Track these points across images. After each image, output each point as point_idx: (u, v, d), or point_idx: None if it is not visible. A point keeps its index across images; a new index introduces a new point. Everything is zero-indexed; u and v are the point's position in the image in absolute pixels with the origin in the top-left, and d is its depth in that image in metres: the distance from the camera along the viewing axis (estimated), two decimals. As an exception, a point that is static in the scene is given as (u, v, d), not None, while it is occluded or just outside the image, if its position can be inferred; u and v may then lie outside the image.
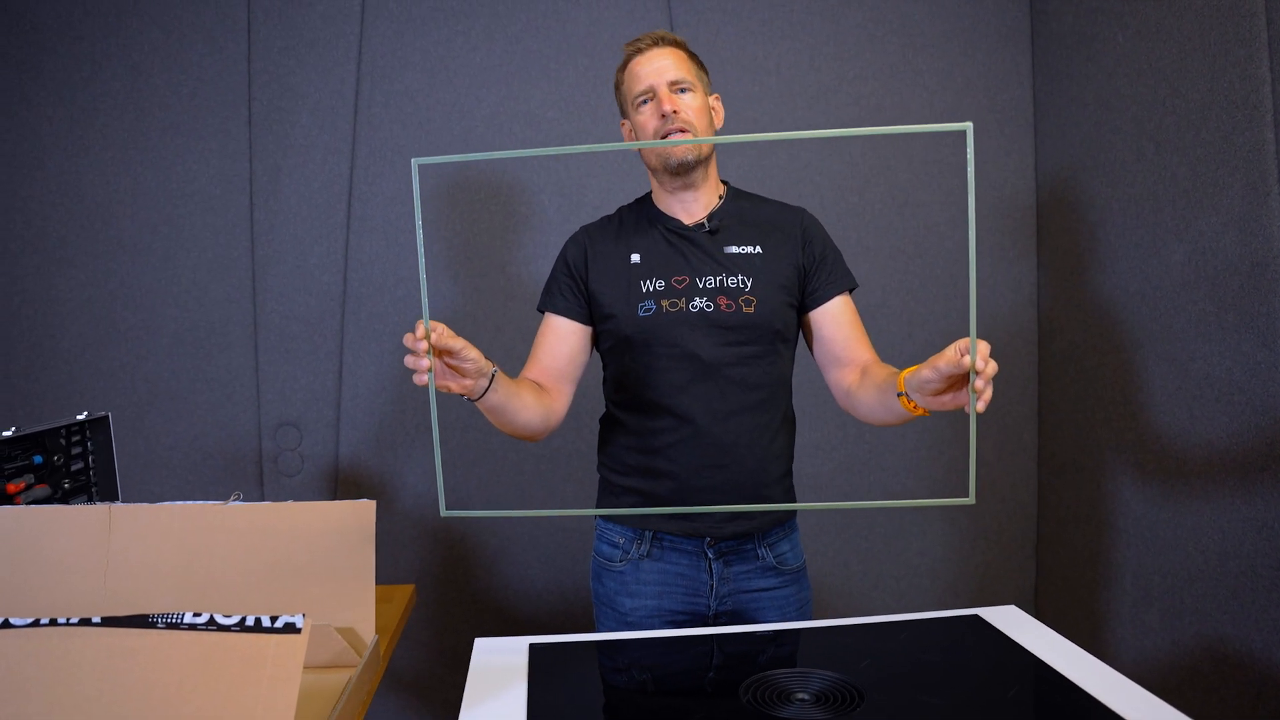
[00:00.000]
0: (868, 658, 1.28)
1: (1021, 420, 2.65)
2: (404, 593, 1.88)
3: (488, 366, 1.29)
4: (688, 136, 1.45)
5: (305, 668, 1.12)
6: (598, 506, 1.59)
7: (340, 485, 2.53)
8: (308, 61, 2.44)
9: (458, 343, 1.22)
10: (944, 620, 1.41)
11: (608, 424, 1.59)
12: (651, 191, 1.61)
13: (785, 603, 1.52)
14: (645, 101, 1.50)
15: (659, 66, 1.49)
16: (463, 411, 2.50)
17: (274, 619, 1.11)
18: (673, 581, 1.49)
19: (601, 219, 1.63)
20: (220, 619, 1.11)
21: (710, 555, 1.49)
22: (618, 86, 1.59)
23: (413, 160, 1.17)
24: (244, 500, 1.55)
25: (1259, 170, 1.81)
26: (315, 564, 1.50)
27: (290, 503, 1.51)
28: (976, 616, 1.42)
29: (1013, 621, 1.39)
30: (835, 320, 1.51)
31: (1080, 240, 2.43)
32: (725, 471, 1.46)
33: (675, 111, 1.46)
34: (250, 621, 1.11)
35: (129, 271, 2.46)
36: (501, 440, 2.51)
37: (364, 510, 1.51)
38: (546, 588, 2.57)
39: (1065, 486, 2.53)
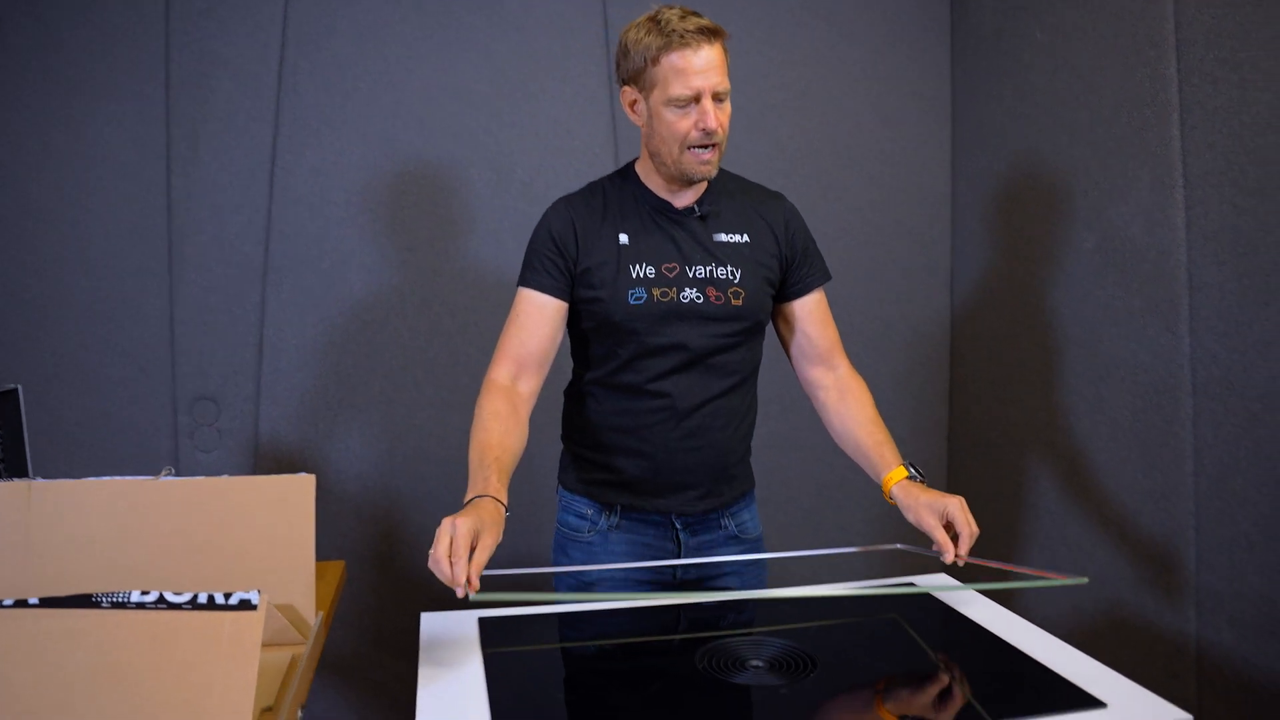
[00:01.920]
0: (816, 625, 1.31)
1: (933, 400, 2.74)
2: (335, 569, 1.83)
3: (502, 521, 1.24)
4: (713, 159, 1.40)
5: (256, 645, 1.09)
6: (561, 478, 1.57)
7: (259, 461, 2.45)
8: (230, 24, 2.33)
9: (486, 555, 1.19)
10: (882, 589, 1.45)
11: (579, 398, 1.54)
12: (636, 163, 1.53)
13: (745, 571, 1.54)
14: (685, 105, 1.36)
15: (708, 69, 1.34)
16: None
17: (228, 596, 1.07)
18: (640, 553, 1.49)
19: (583, 191, 1.53)
20: (171, 597, 1.07)
21: (678, 526, 1.50)
22: (629, 52, 1.39)
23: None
24: (175, 476, 1.49)
25: (1165, 165, 1.90)
26: (253, 540, 1.45)
27: (226, 477, 1.46)
28: (912, 584, 1.47)
29: (943, 587, 1.45)
30: (811, 315, 1.53)
31: (994, 228, 2.51)
32: (698, 453, 1.47)
33: (718, 129, 1.37)
34: (203, 599, 1.07)
35: (37, 239, 2.32)
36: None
37: (303, 485, 1.47)
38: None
39: (976, 463, 2.62)
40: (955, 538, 1.34)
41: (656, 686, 1.11)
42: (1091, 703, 1.07)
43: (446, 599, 2.51)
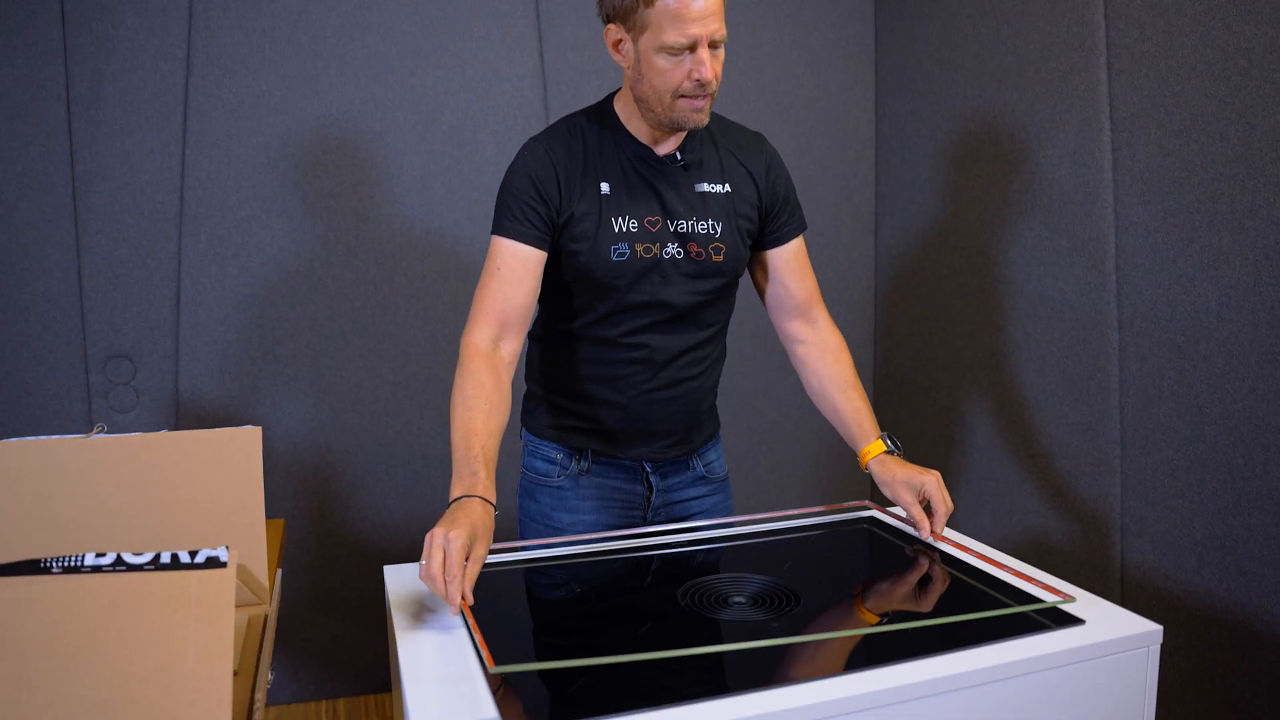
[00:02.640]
0: (788, 560, 1.30)
1: (860, 343, 2.76)
2: (275, 528, 1.75)
3: (493, 525, 1.15)
4: (706, 108, 1.29)
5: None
6: (526, 422, 1.50)
7: (181, 421, 2.31)
8: (131, -45, 2.15)
9: (479, 568, 1.09)
10: (844, 522, 1.45)
11: (549, 344, 1.46)
12: (615, 101, 1.40)
13: (713, 510, 1.52)
14: (679, 53, 1.24)
15: (706, 15, 1.22)
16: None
17: (194, 554, 0.99)
18: (611, 496, 1.45)
19: (559, 131, 1.37)
20: (130, 558, 0.98)
21: (648, 470, 1.46)
22: None
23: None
24: (107, 433, 1.38)
25: (1093, 108, 1.93)
26: (199, 498, 1.35)
27: (166, 433, 1.36)
28: (872, 516, 1.47)
29: (897, 517, 1.46)
30: (789, 265, 1.47)
31: (920, 170, 2.53)
32: (673, 403, 1.42)
33: (713, 80, 1.26)
34: (166, 559, 0.98)
35: (-79, 186, 2.12)
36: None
37: (249, 438, 1.39)
38: (406, 519, 2.47)
39: (902, 403, 2.66)
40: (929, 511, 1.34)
41: (647, 626, 1.08)
42: (1068, 619, 1.09)
43: (388, 553, 2.45)
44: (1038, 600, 1.14)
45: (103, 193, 2.20)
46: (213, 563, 0.99)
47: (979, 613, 1.12)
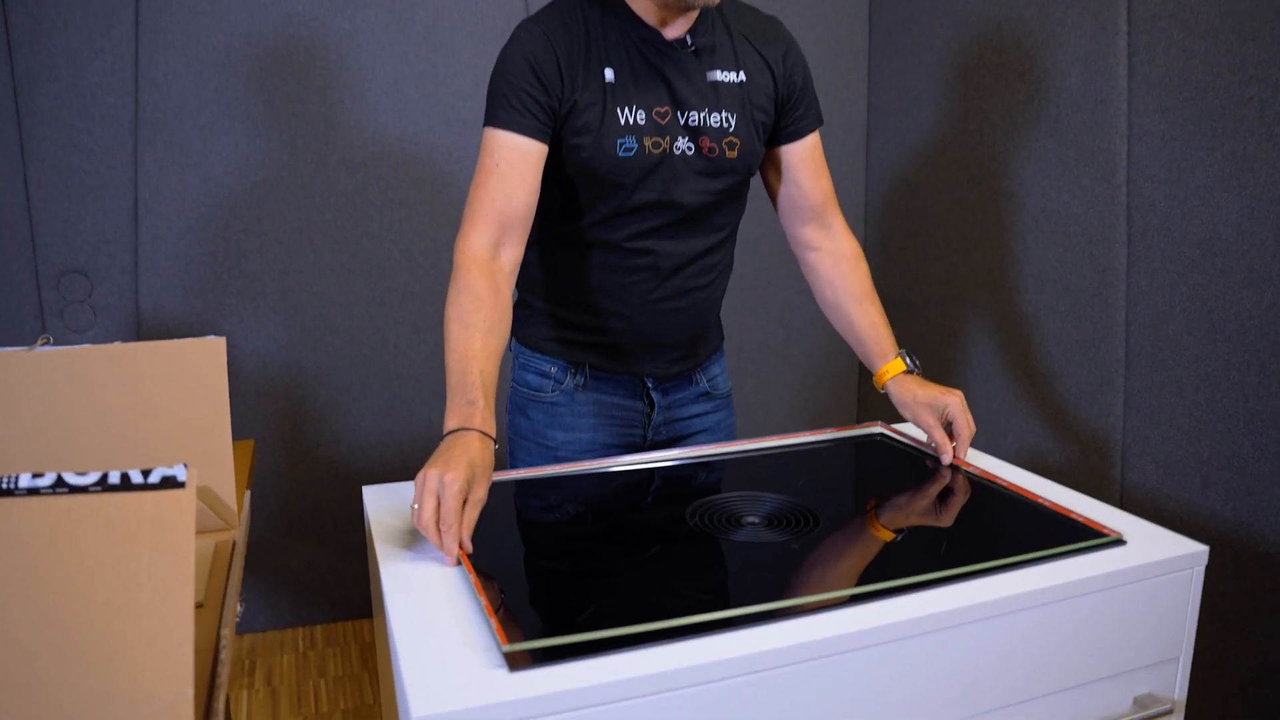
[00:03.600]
0: (801, 477, 1.18)
1: (848, 261, 2.63)
2: (244, 449, 1.61)
3: (493, 463, 1.01)
4: None
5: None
6: (517, 333, 1.35)
7: (143, 340, 2.14)
8: None
9: (478, 512, 0.96)
10: (853, 439, 1.34)
11: (543, 249, 1.30)
12: None
13: (716, 427, 1.39)
14: None
15: None
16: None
17: (146, 473, 0.85)
18: (609, 412, 1.31)
19: (557, 10, 1.20)
20: (73, 479, 0.84)
21: (649, 385, 1.33)
22: None
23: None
24: (53, 345, 1.22)
25: (1109, 9, 1.78)
26: (158, 416, 1.21)
27: (118, 344, 1.20)
28: (881, 433, 1.36)
29: (914, 433, 1.35)
30: (805, 163, 1.32)
31: (916, 81, 2.37)
32: (679, 315, 1.28)
33: None
34: (115, 479, 0.84)
35: None
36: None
37: (212, 349, 1.23)
38: (382, 439, 2.33)
39: (894, 323, 2.54)
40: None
41: (655, 549, 0.96)
42: (1109, 539, 0.99)
43: (364, 475, 2.32)
44: (1075, 521, 1.04)
45: (48, 95, 1.99)
46: (169, 483, 0.85)
47: (1015, 535, 1.01)
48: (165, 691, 0.73)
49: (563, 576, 0.92)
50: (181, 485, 0.85)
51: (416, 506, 0.92)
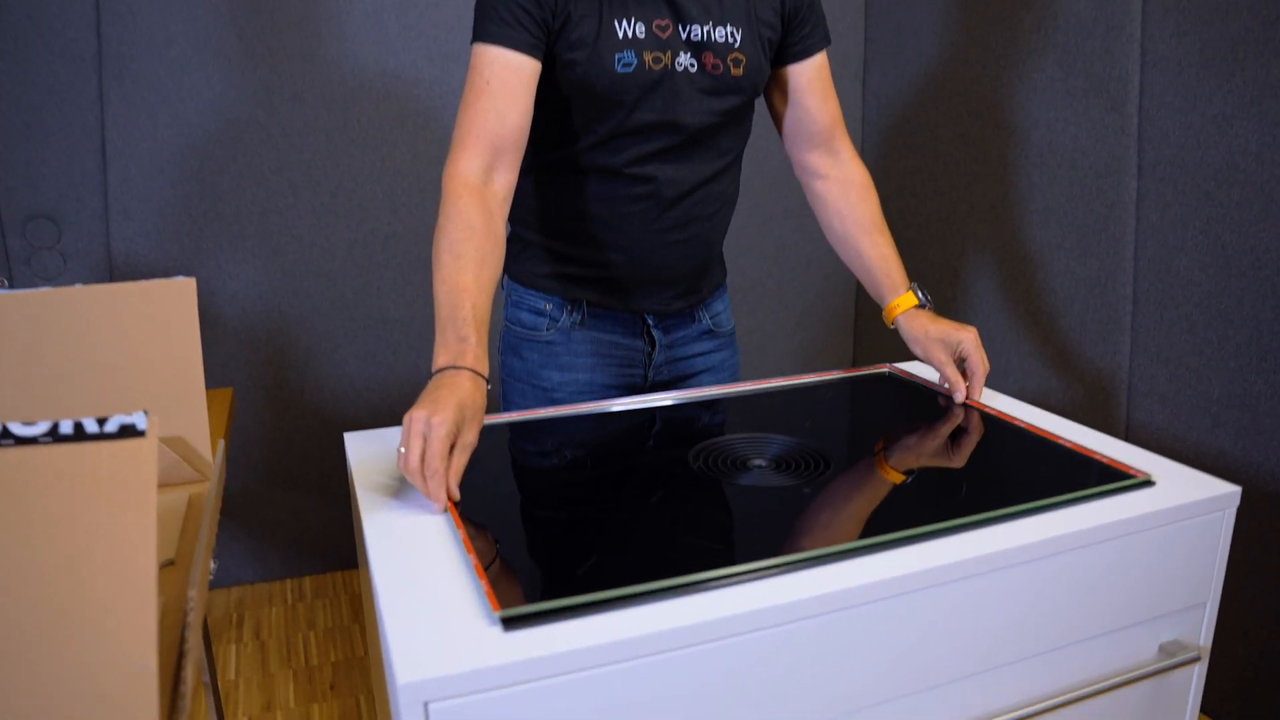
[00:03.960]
0: (809, 418, 1.11)
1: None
2: (223, 398, 1.52)
3: (484, 404, 0.92)
4: None
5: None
6: (509, 269, 1.27)
7: (117, 286, 2.05)
8: None
9: (467, 457, 0.88)
10: (862, 378, 1.27)
11: (536, 178, 1.21)
12: None
13: (720, 367, 1.32)
14: None
15: None
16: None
17: (102, 422, 0.77)
18: (607, 352, 1.23)
19: None
20: (19, 429, 0.76)
21: (650, 322, 1.25)
22: None
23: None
24: (9, 288, 1.14)
25: (1123, -75, 1.68)
26: (125, 362, 1.13)
27: (79, 287, 1.11)
28: (890, 372, 1.29)
29: (923, 373, 1.28)
30: (812, 84, 1.22)
31: (915, 10, 2.26)
32: (682, 247, 1.19)
33: None
34: (67, 428, 0.76)
35: None
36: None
37: (181, 291, 1.14)
38: (367, 386, 2.25)
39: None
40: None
41: (658, 496, 0.89)
42: (1137, 480, 0.92)
43: (349, 423, 2.24)
44: (1100, 462, 0.98)
45: (2, 27, 1.86)
46: (128, 432, 0.77)
47: (1038, 478, 0.95)
48: (126, 660, 0.66)
49: (558, 528, 0.85)
50: (141, 434, 0.77)
51: (403, 451, 0.85)
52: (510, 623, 0.67)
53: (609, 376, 1.23)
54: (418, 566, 0.77)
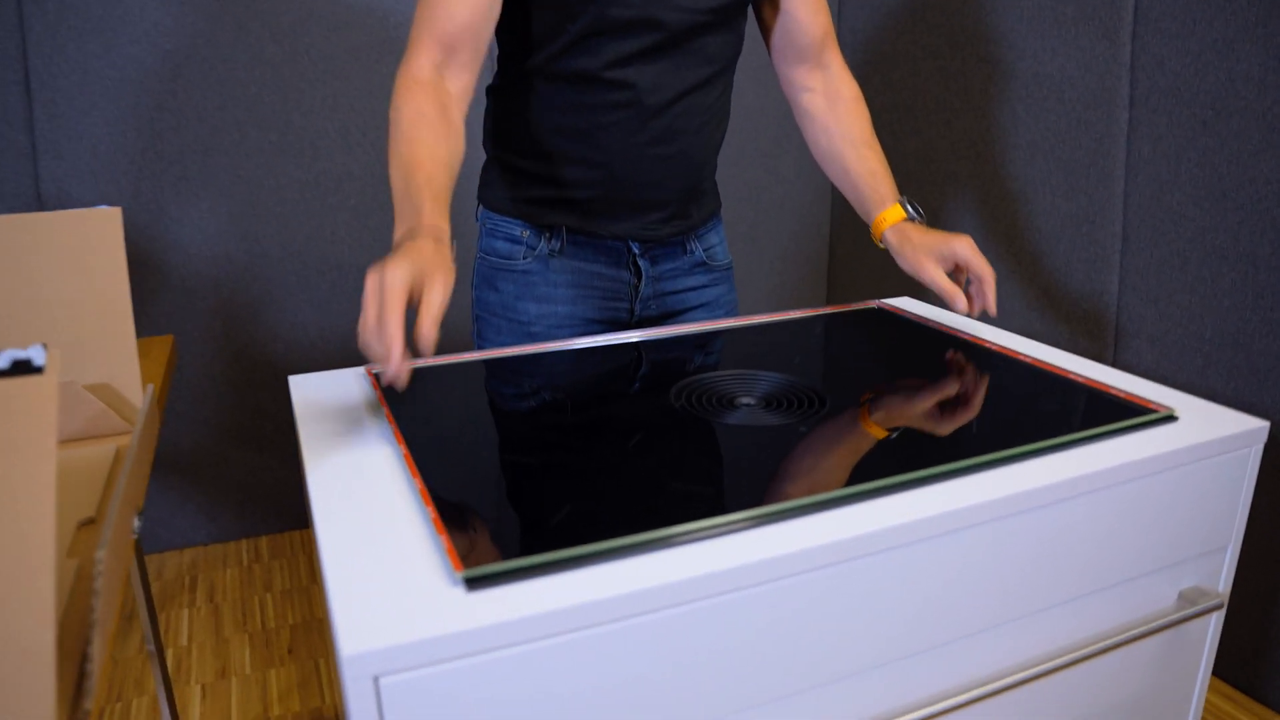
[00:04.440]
0: (799, 355, 1.02)
1: (819, 142, 2.44)
2: (162, 345, 1.40)
3: (450, 259, 0.80)
4: None
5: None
6: (482, 195, 1.15)
7: (49, 230, 1.89)
8: None
9: (440, 300, 0.76)
10: (850, 314, 1.17)
11: (510, 94, 1.09)
12: None
13: (716, 303, 1.21)
14: None
15: None
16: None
17: (-9, 357, 0.65)
18: (589, 283, 1.12)
19: None
20: (-108, 365, 0.64)
21: (636, 252, 1.14)
22: None
23: None
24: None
25: None
26: (43, 299, 1.00)
27: (-14, 217, 0.99)
28: (880, 308, 1.20)
29: (913, 309, 1.19)
30: None
31: (895, -60, 2.15)
32: (668, 164, 1.08)
33: None
34: (-51, 365, 0.65)
35: None
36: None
37: (106, 221, 1.02)
38: (321, 336, 2.13)
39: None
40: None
41: (638, 437, 0.80)
42: (1159, 415, 0.84)
43: (301, 371, 2.12)
44: (1117, 397, 0.89)
45: (-90, -58, 1.69)
46: (23, 368, 0.66)
47: (1053, 415, 0.86)
48: (17, 635, 0.56)
49: (528, 476, 0.75)
50: (39, 371, 0.65)
51: (361, 321, 0.74)
52: (474, 583, 0.57)
53: (591, 310, 1.12)
54: (368, 520, 0.67)
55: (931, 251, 1.05)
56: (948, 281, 1.03)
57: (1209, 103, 1.49)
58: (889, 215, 1.09)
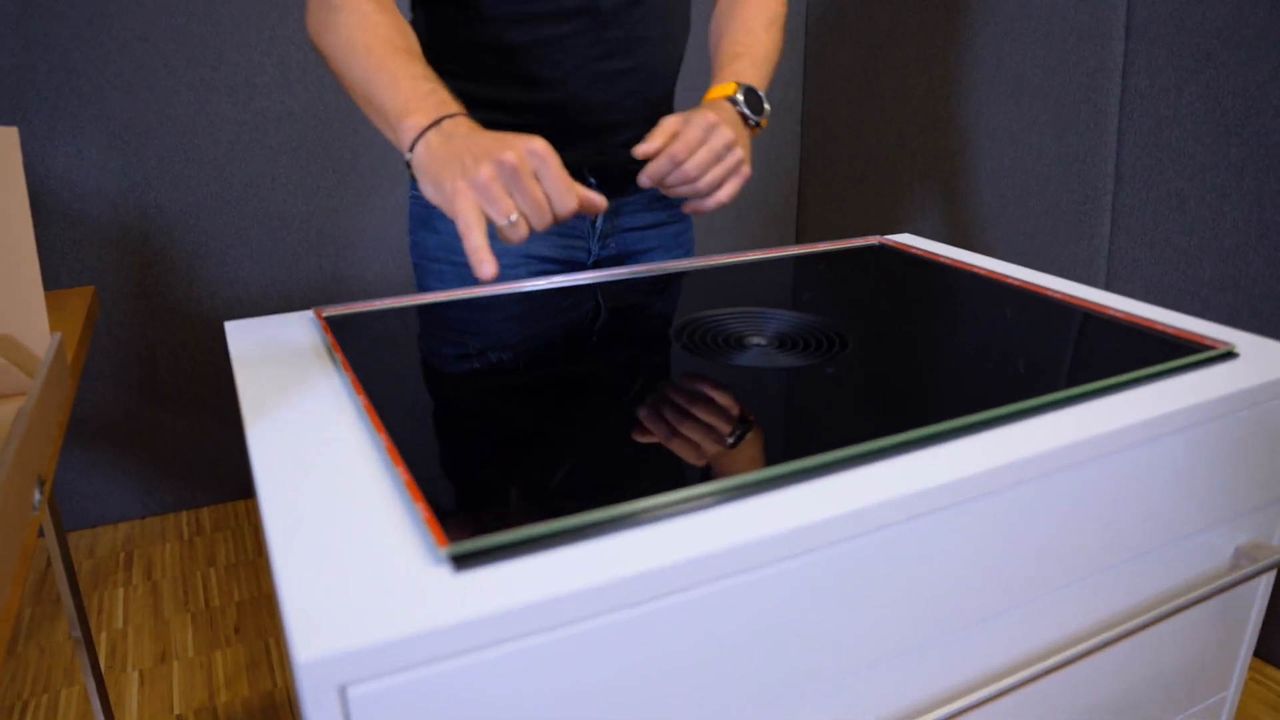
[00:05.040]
0: (806, 291, 0.91)
1: (785, 79, 2.32)
2: (81, 297, 1.24)
3: None
4: None
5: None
6: None
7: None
8: None
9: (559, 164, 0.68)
10: (854, 250, 1.06)
11: (453, 7, 0.93)
12: None
13: (674, 241, 1.09)
14: None
15: None
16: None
17: None
18: None
19: None
20: None
21: (593, 182, 1.00)
22: None
23: None
24: None
25: None
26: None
27: None
28: (882, 244, 1.09)
29: (917, 245, 1.08)
30: None
31: None
32: (626, 80, 0.94)
33: None
34: None
35: None
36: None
37: (2, 144, 0.87)
38: (263, 291, 1.96)
39: (837, 145, 2.26)
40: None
41: (642, 382, 0.68)
42: (1217, 352, 0.75)
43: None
44: (1165, 333, 0.80)
45: None
46: None
47: (1098, 356, 0.76)
48: None
49: (524, 430, 0.63)
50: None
51: (506, 221, 0.66)
52: (463, 562, 0.45)
53: (547, 248, 0.99)
54: (324, 487, 0.54)
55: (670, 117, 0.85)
56: (653, 139, 0.82)
57: (1214, 31, 1.40)
58: (717, 90, 0.90)
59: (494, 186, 0.65)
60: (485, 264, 0.63)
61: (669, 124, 0.81)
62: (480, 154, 0.66)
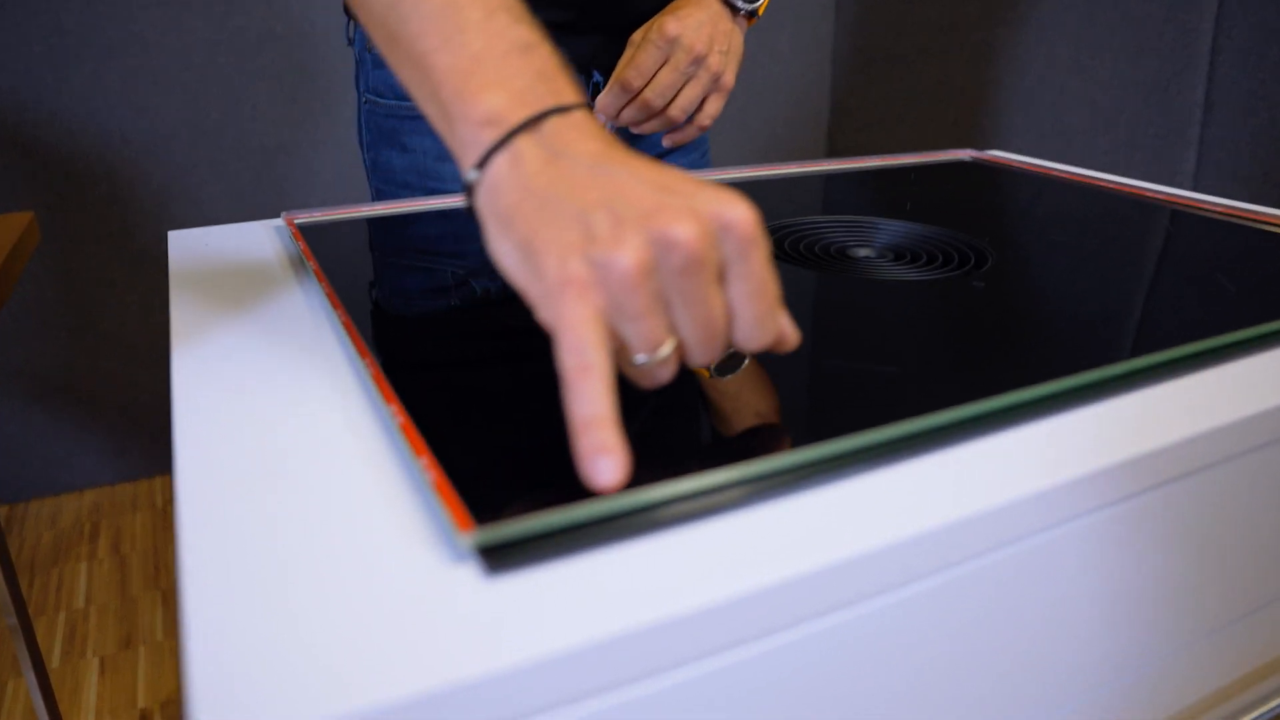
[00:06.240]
0: (907, 202, 0.71)
1: (816, 12, 2.11)
2: (14, 224, 1.04)
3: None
4: None
5: None
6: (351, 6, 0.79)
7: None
8: None
9: None
10: (944, 164, 0.87)
11: None
12: None
13: (688, 148, 0.86)
14: None
15: None
16: None
17: None
18: None
19: None
20: None
21: (600, 82, 0.78)
22: None
23: None
24: None
25: None
26: None
27: None
28: (975, 159, 0.90)
29: (1015, 159, 0.89)
30: None
31: None
32: None
33: None
34: None
35: None
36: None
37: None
38: (223, 219, 1.76)
39: (872, 84, 2.06)
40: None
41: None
42: None
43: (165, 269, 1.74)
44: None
45: None
46: None
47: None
48: None
49: (549, 375, 0.44)
50: None
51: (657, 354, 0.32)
52: (495, 557, 0.26)
53: None
54: (284, 449, 0.35)
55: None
56: (623, 69, 0.67)
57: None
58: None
59: (643, 291, 0.31)
60: (606, 459, 0.29)
61: (627, 53, 0.66)
62: (625, 211, 0.32)
